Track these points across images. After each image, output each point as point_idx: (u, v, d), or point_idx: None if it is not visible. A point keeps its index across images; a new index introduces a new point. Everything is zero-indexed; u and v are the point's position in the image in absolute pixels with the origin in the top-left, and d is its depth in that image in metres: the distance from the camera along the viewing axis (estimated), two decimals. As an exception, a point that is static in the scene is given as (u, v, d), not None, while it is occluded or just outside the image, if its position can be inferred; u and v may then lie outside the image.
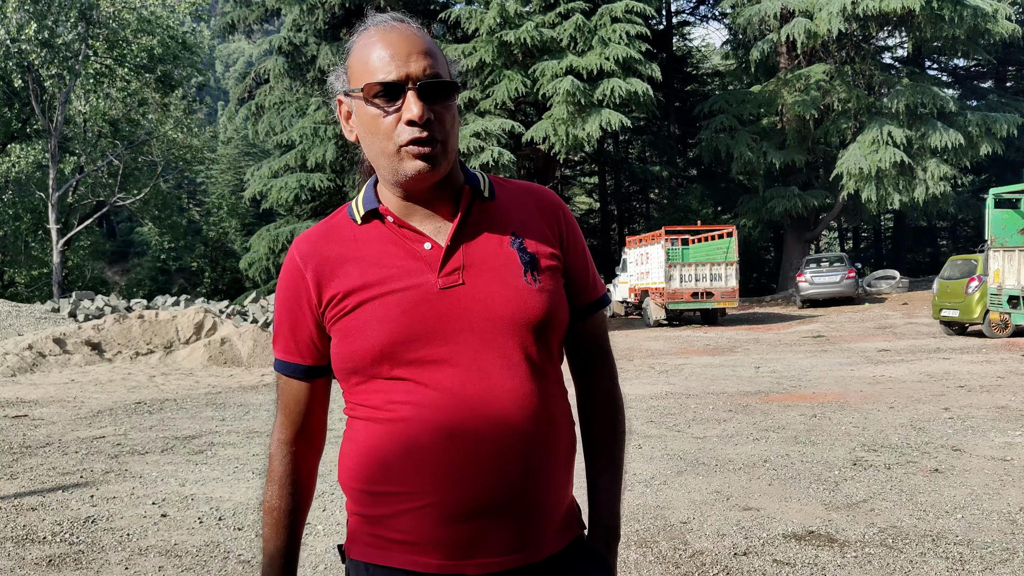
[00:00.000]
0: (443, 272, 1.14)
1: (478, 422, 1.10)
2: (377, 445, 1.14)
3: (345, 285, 1.15)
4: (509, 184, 1.26)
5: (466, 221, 1.18)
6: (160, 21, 25.97)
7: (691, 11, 34.29)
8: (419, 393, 1.11)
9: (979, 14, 22.34)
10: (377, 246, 1.17)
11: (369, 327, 1.12)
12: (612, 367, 1.34)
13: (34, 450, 6.13)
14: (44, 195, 27.65)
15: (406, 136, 1.09)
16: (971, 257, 14.08)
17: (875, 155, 23.26)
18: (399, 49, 1.09)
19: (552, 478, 1.15)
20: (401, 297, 1.12)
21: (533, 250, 1.18)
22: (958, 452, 5.38)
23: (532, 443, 1.12)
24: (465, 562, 1.11)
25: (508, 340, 1.13)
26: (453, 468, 1.09)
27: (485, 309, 1.13)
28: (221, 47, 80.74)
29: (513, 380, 1.12)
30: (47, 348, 11.95)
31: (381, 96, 1.10)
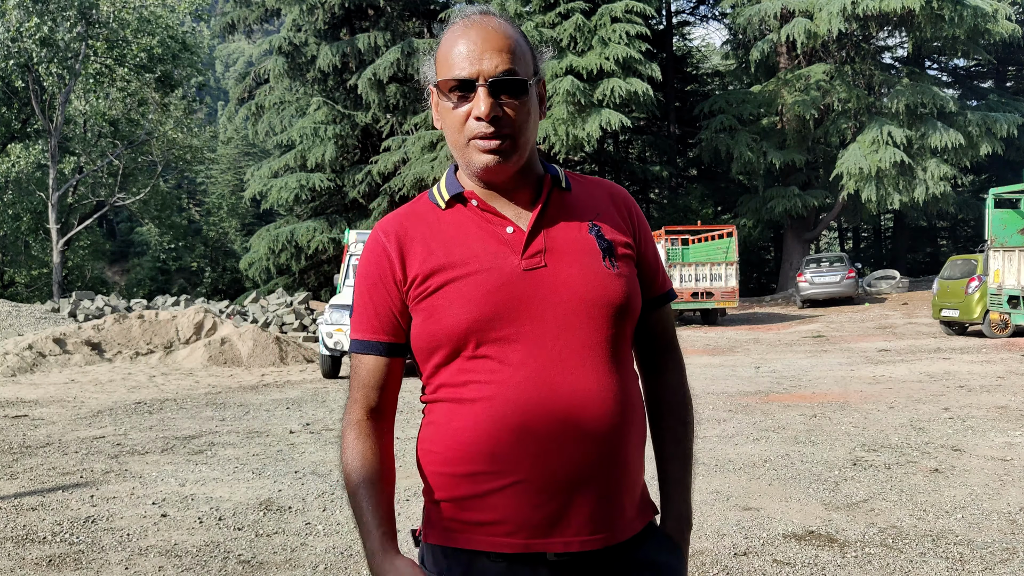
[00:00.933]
0: (526, 254, 1.18)
1: (561, 402, 1.13)
2: (462, 426, 1.15)
3: (431, 264, 1.18)
4: (583, 178, 1.31)
5: (546, 208, 1.22)
6: (160, 21, 25.98)
7: (691, 11, 34.28)
8: (503, 372, 1.13)
9: (979, 14, 22.34)
10: (461, 228, 1.20)
11: (455, 306, 1.15)
12: (680, 360, 1.37)
13: (34, 450, 6.13)
14: (44, 195, 27.65)
15: (473, 131, 1.15)
16: (971, 257, 14.08)
17: (875, 155, 23.26)
18: (476, 46, 1.13)
19: (630, 460, 1.18)
20: (486, 277, 1.16)
21: (610, 237, 1.23)
22: (958, 452, 5.38)
23: (612, 424, 1.15)
24: (548, 540, 1.13)
25: (589, 321, 1.16)
26: (537, 447, 1.11)
27: (567, 291, 1.17)
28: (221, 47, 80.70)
29: (594, 361, 1.16)
30: (47, 348, 11.95)
31: (455, 91, 1.15)
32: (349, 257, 11.82)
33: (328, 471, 5.26)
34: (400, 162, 22.52)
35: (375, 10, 25.12)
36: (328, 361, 10.54)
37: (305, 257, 25.60)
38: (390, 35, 23.95)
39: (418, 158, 21.50)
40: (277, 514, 4.33)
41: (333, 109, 23.91)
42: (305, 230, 24.32)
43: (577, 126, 20.26)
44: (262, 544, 3.85)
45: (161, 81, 27.20)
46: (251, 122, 28.15)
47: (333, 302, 10.68)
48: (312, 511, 4.36)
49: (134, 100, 28.03)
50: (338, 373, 10.72)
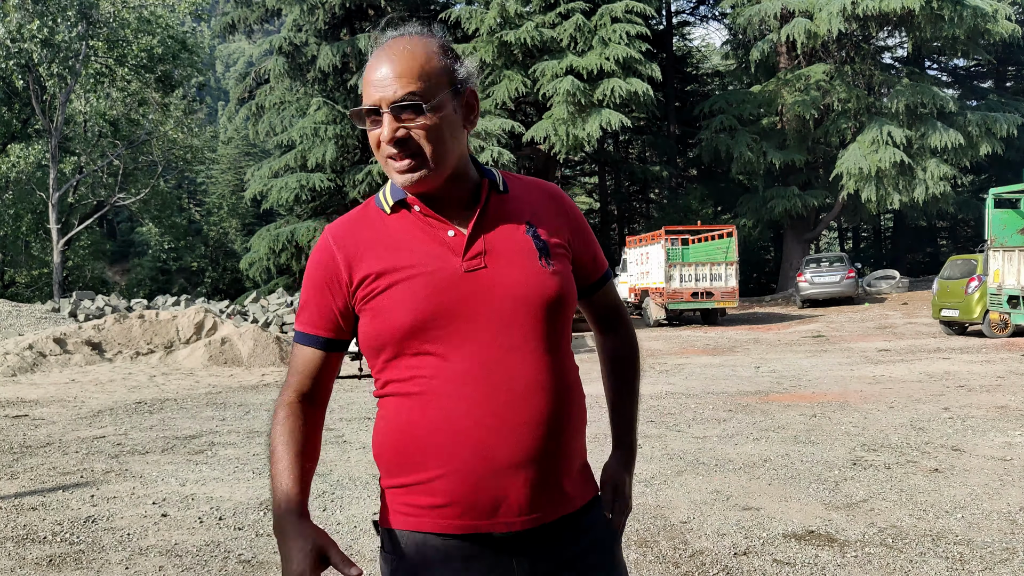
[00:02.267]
0: (467, 256, 1.26)
1: (500, 393, 1.21)
2: (408, 418, 1.24)
3: (377, 267, 1.26)
4: (519, 179, 1.39)
5: (485, 211, 1.30)
6: (160, 21, 25.97)
7: (691, 11, 34.29)
8: (446, 367, 1.22)
9: (979, 14, 22.35)
10: (406, 232, 1.28)
11: (400, 306, 1.23)
12: (626, 318, 1.52)
13: (34, 450, 6.14)
14: (44, 195, 27.64)
15: (385, 152, 1.24)
16: (971, 257, 14.08)
17: (875, 155, 23.26)
18: (381, 73, 1.22)
19: (567, 444, 1.27)
20: (429, 279, 1.23)
21: (546, 238, 1.31)
22: (958, 452, 5.38)
23: (547, 413, 1.23)
24: (492, 521, 1.22)
25: (526, 318, 1.25)
26: (478, 435, 1.20)
27: (506, 290, 1.25)
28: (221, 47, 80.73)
29: (531, 355, 1.24)
30: (48, 348, 11.96)
31: (369, 116, 1.24)
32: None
33: (328, 471, 5.27)
34: (400, 162, 22.49)
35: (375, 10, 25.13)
36: (328, 361, 10.53)
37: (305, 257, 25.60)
38: (390, 35, 23.96)
39: (418, 158, 21.49)
40: (277, 514, 4.32)
41: (333, 109, 23.91)
42: (305, 230, 24.33)
43: (577, 126, 20.27)
44: (262, 544, 3.85)
45: (161, 81, 27.19)
46: (251, 122, 28.15)
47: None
48: (312, 511, 4.37)
49: (134, 100, 28.02)
50: (338, 373, 10.72)
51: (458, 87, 1.25)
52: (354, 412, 7.72)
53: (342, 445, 6.11)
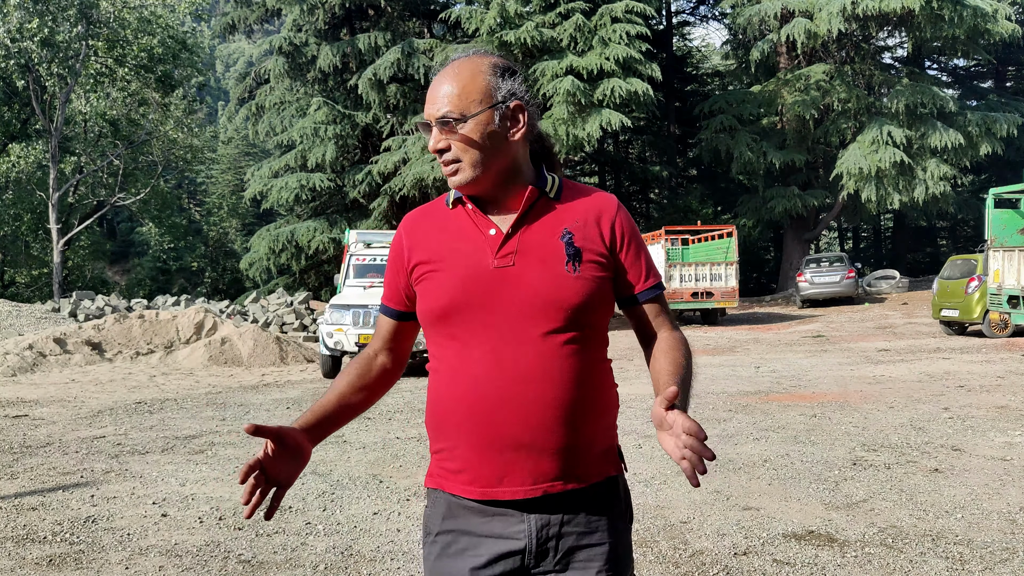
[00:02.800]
0: (499, 254, 1.40)
1: (506, 377, 1.36)
2: (438, 393, 1.43)
3: (427, 254, 1.45)
4: (581, 189, 1.51)
5: (527, 215, 1.43)
6: (160, 21, 25.97)
7: (691, 11, 34.28)
8: (465, 351, 1.38)
9: (979, 14, 22.34)
10: (457, 226, 1.46)
11: (436, 291, 1.42)
12: (674, 334, 1.51)
13: (34, 450, 6.14)
14: (44, 195, 27.65)
15: (438, 158, 1.44)
16: (971, 257, 14.08)
17: (875, 155, 23.26)
18: (433, 91, 1.42)
19: (577, 426, 1.37)
20: (463, 270, 1.40)
21: (580, 245, 1.42)
22: (958, 452, 5.38)
23: (554, 395, 1.35)
24: (497, 489, 1.38)
25: (543, 315, 1.37)
26: (486, 412, 1.36)
27: (528, 288, 1.38)
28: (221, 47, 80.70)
29: (545, 347, 1.37)
30: (48, 348, 11.95)
31: (424, 129, 1.45)
32: (349, 257, 11.82)
33: (328, 471, 5.27)
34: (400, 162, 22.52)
35: (375, 10, 25.13)
36: (328, 361, 10.54)
37: (305, 257, 25.61)
38: (390, 35, 23.96)
39: (418, 158, 21.50)
40: (277, 514, 4.33)
41: (333, 109, 23.90)
42: (305, 230, 24.33)
43: (577, 126, 20.27)
44: (262, 544, 3.85)
45: (161, 81, 27.20)
46: (251, 122, 28.15)
47: (333, 302, 10.68)
48: (312, 511, 4.37)
49: (134, 100, 28.02)
50: (338, 373, 10.73)
51: (500, 103, 1.40)
52: (354, 412, 7.71)
53: (342, 445, 6.11)
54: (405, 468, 5.31)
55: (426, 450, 5.79)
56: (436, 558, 1.44)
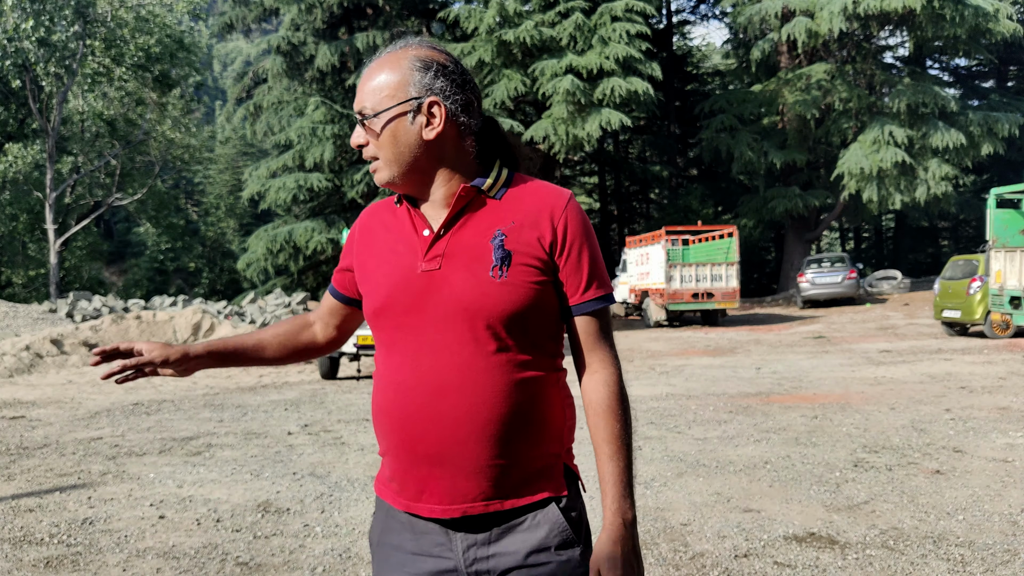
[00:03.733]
0: (427, 256, 1.33)
1: (424, 387, 1.29)
2: (373, 395, 1.40)
3: (369, 254, 1.42)
4: (532, 187, 1.39)
5: (460, 215, 1.35)
6: (158, 20, 25.92)
7: (691, 10, 34.25)
8: (391, 357, 1.34)
9: (980, 13, 22.32)
10: (398, 225, 1.40)
11: (371, 293, 1.38)
12: (607, 360, 1.38)
13: (31, 451, 6.10)
14: (41, 195, 27.60)
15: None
16: (972, 257, 14.06)
17: (876, 155, 23.23)
18: (359, 86, 1.38)
19: (491, 445, 1.29)
20: (394, 272, 1.35)
21: (511, 247, 1.31)
22: (960, 453, 5.35)
23: (467, 411, 1.28)
24: (417, 504, 1.33)
25: (464, 323, 1.29)
26: (403, 423, 1.31)
27: (450, 293, 1.30)
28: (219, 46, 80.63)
29: (463, 356, 1.29)
30: (44, 349, 11.92)
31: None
32: (348, 257, 11.78)
33: (326, 472, 5.24)
34: (399, 162, 22.46)
35: (373, 9, 25.09)
36: (326, 362, 10.51)
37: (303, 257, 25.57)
38: (388, 34, 23.92)
39: (417, 158, 21.45)
40: (275, 516, 4.30)
41: (331, 109, 23.87)
42: (303, 230, 24.30)
43: (577, 126, 20.23)
44: (260, 546, 3.82)
45: (159, 80, 27.15)
46: (249, 122, 28.12)
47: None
48: (310, 513, 4.34)
49: (132, 100, 27.97)
50: (336, 374, 10.70)
51: (413, 98, 1.32)
52: (352, 414, 7.69)
53: (340, 447, 6.08)
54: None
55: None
56: (377, 571, 1.40)
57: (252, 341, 1.53)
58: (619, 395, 1.36)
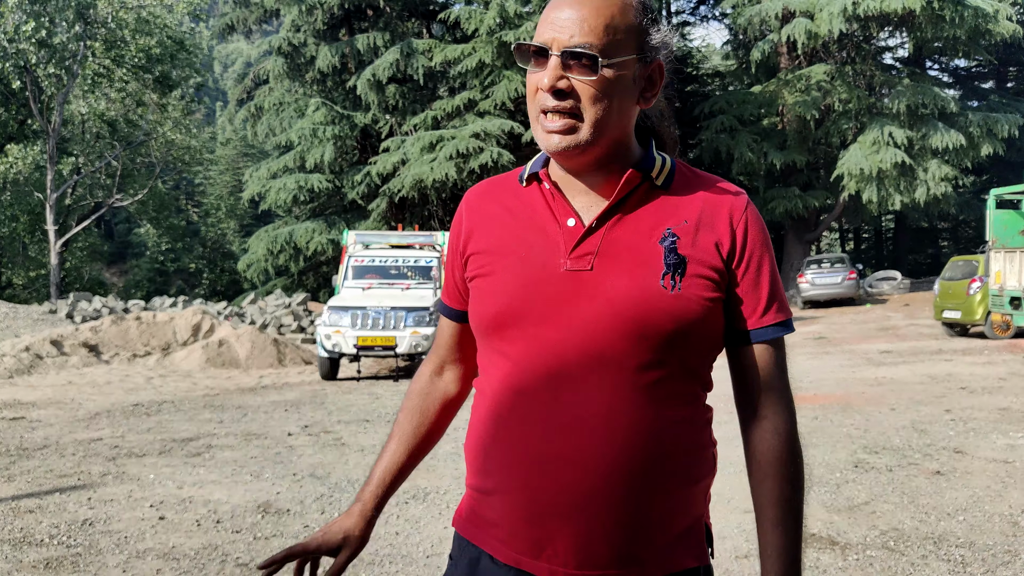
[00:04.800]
0: (574, 253, 1.07)
1: (560, 420, 1.05)
2: (481, 419, 1.13)
3: (486, 243, 1.14)
4: (697, 176, 1.15)
5: (621, 205, 1.09)
6: (158, 21, 25.94)
7: (691, 11, 34.24)
8: (518, 374, 1.08)
9: (980, 14, 22.34)
10: (528, 210, 1.13)
11: (490, 294, 1.11)
12: (783, 405, 1.15)
13: (31, 452, 6.10)
14: (42, 196, 27.61)
15: (540, 104, 1.06)
16: (972, 258, 14.06)
17: (876, 156, 23.24)
18: (567, 13, 1.04)
19: (644, 498, 1.06)
20: (526, 269, 1.09)
21: (686, 253, 1.07)
22: (960, 454, 5.35)
23: (612, 456, 1.04)
24: (534, 562, 1.08)
25: (621, 342, 1.04)
26: (526, 462, 1.06)
27: (606, 302, 1.04)
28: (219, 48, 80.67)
29: (614, 384, 1.04)
30: (44, 350, 11.92)
31: (534, 56, 1.07)
32: (348, 258, 11.79)
33: (326, 473, 5.23)
34: (399, 163, 22.49)
35: (374, 11, 25.11)
36: (326, 363, 10.51)
37: (304, 258, 25.58)
38: (389, 36, 23.94)
39: (417, 159, 21.48)
40: (275, 517, 4.30)
41: (332, 110, 23.88)
42: (304, 231, 24.30)
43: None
44: (260, 547, 3.82)
45: (159, 82, 27.17)
46: (250, 123, 28.12)
47: (331, 304, 10.65)
48: (310, 514, 4.34)
49: (132, 101, 27.99)
50: (336, 375, 10.69)
51: (647, 54, 1.07)
52: (352, 415, 7.70)
53: (340, 448, 6.08)
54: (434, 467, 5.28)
55: (425, 452, 5.78)
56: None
57: (401, 458, 1.26)
58: (794, 449, 1.16)
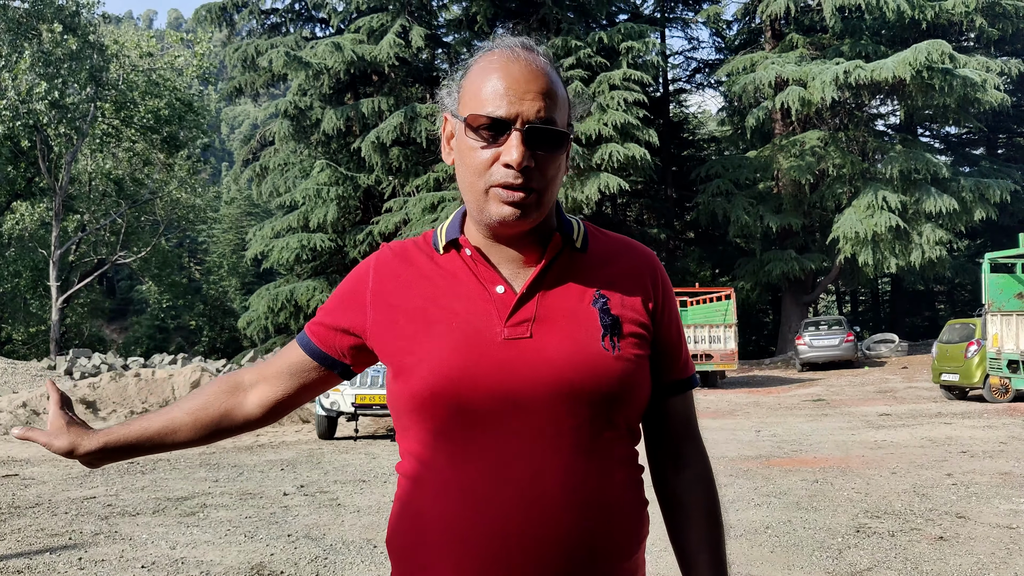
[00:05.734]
0: (511, 321, 1.03)
1: (520, 496, 0.98)
2: (410, 506, 1.05)
3: (403, 310, 1.07)
4: (607, 237, 1.15)
5: (548, 271, 1.08)
6: (168, 84, 26.60)
7: (687, 79, 35.17)
8: (461, 450, 1.00)
9: (968, 84, 22.94)
10: (450, 278, 1.08)
11: (423, 366, 1.03)
12: (703, 452, 1.20)
13: (23, 510, 6.02)
14: (46, 252, 27.83)
15: (498, 177, 1.01)
16: (969, 321, 14.10)
17: (870, 219, 23.54)
18: (518, 84, 1.00)
19: (601, 570, 1.02)
20: (460, 339, 1.03)
21: (618, 312, 1.07)
22: (963, 519, 5.29)
23: (575, 528, 1.00)
24: None
25: (569, 408, 1.01)
26: (485, 545, 0.98)
27: (550, 369, 1.01)
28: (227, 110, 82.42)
29: (568, 452, 1.00)
30: (41, 406, 11.84)
31: (485, 129, 1.01)
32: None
33: (321, 535, 5.16)
34: (401, 223, 22.77)
35: (379, 76, 25.77)
36: (324, 422, 10.44)
37: (304, 316, 25.62)
38: (393, 100, 24.53)
39: (419, 219, 21.75)
40: (269, 579, 4.23)
41: (336, 171, 24.28)
42: (305, 289, 24.40)
43: (576, 189, 20.56)
44: (252, 610, 3.75)
45: (167, 142, 27.70)
46: (255, 183, 28.55)
47: (331, 361, 10.62)
48: (304, 575, 4.27)
49: (139, 160, 28.49)
50: (334, 434, 10.61)
51: (571, 128, 1.08)
52: (349, 474, 7.61)
53: (336, 508, 6.01)
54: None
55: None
56: None
57: (159, 426, 1.18)
58: (717, 496, 1.17)
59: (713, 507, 1.16)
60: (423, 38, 23.66)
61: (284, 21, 28.04)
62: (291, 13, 28.03)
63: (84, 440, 1.17)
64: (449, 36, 27.75)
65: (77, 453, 1.16)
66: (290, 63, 23.06)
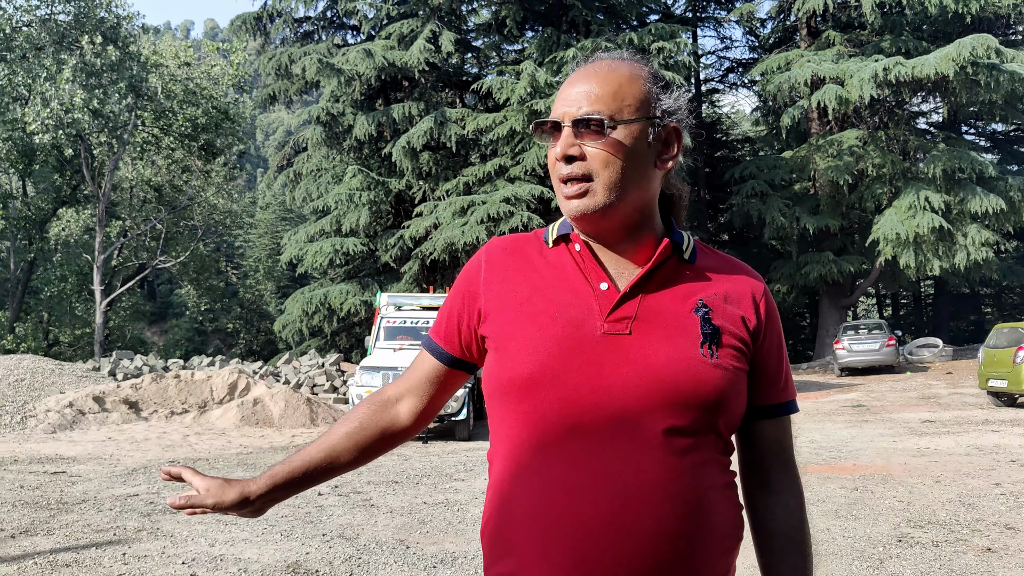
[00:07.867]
0: (611, 317, 1.06)
1: (609, 489, 0.99)
2: (500, 494, 1.06)
3: (510, 301, 1.11)
4: (716, 255, 1.18)
5: (654, 273, 1.10)
6: (205, 92, 27.13)
7: (720, 79, 34.82)
8: (554, 442, 1.02)
9: (1016, 79, 22.33)
10: (556, 271, 1.12)
11: (519, 355, 1.06)
12: (797, 481, 1.19)
13: (70, 506, 6.17)
14: (90, 257, 28.53)
15: (558, 172, 1.10)
16: (1018, 325, 13.71)
17: (912, 220, 23.04)
18: (576, 89, 1.09)
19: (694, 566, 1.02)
20: (561, 330, 1.05)
21: (719, 323, 1.08)
22: (1012, 530, 5.13)
23: (670, 524, 1.00)
24: None
25: (664, 407, 1.01)
26: (571, 538, 0.98)
27: (647, 368, 1.02)
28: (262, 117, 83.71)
29: (660, 452, 1.00)
30: (87, 406, 12.13)
31: (552, 133, 1.11)
32: (380, 320, 11.92)
33: (355, 534, 5.20)
34: (432, 227, 22.88)
35: (409, 81, 25.96)
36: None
37: (337, 319, 25.89)
38: (423, 105, 24.68)
39: (449, 223, 21.84)
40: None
41: (368, 176, 24.50)
42: (338, 293, 24.65)
43: (609, 191, 20.43)
44: (290, 609, 3.78)
45: (204, 149, 28.24)
46: (289, 188, 28.95)
47: (364, 364, 10.73)
48: (339, 575, 4.30)
49: (178, 167, 29.10)
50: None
51: (659, 118, 1.11)
52: (381, 475, 7.66)
53: (369, 509, 6.04)
54: (432, 534, 5.22)
55: (455, 516, 5.72)
56: None
57: (322, 455, 1.21)
58: (805, 527, 1.15)
59: (800, 538, 1.15)
60: (452, 43, 23.77)
61: (316, 29, 28.39)
62: (323, 21, 28.37)
63: (251, 485, 1.19)
64: (478, 40, 27.87)
65: (251, 499, 1.18)
66: (322, 70, 23.34)
